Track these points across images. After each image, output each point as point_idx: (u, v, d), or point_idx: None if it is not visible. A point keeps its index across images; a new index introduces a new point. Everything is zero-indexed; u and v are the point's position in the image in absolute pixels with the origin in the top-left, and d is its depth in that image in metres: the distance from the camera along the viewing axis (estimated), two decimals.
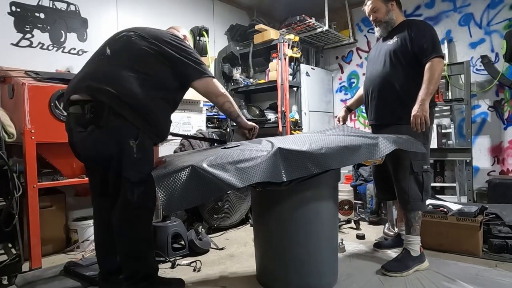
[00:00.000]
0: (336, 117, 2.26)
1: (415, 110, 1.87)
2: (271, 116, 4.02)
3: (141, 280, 1.62)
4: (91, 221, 2.56)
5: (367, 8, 2.15)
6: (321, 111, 4.36)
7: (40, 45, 2.74)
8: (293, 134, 3.63)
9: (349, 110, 2.44)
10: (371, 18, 2.15)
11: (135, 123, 1.54)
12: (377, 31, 2.18)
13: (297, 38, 3.89)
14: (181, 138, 2.90)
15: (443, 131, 3.63)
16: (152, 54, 1.61)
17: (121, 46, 1.64)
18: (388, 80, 2.03)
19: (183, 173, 1.35)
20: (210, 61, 3.23)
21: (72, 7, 2.93)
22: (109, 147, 1.53)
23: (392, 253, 2.24)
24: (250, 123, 1.96)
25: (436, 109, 3.62)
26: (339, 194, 1.97)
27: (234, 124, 4.12)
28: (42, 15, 2.74)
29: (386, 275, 1.90)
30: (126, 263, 1.64)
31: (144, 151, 1.57)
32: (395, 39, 2.05)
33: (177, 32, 1.86)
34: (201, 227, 2.63)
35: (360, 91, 2.39)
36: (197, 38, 3.20)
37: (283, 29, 3.97)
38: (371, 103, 2.16)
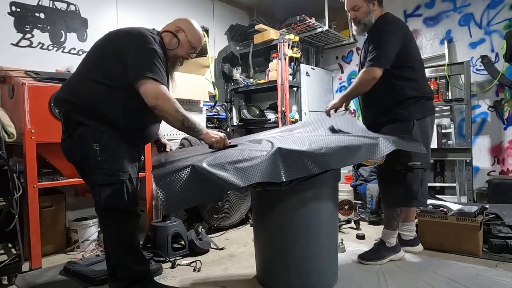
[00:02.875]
0: (327, 108, 2.20)
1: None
2: (271, 116, 4.02)
3: (132, 284, 1.62)
4: (91, 221, 2.57)
5: (347, 4, 2.09)
6: (321, 111, 4.36)
7: (40, 45, 2.74)
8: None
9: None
10: (350, 16, 2.11)
11: (97, 127, 1.52)
12: (354, 29, 2.16)
13: (297, 38, 3.89)
14: (181, 138, 2.90)
15: (443, 131, 3.63)
16: (111, 54, 1.55)
17: (89, 51, 1.64)
18: None
19: (183, 173, 1.35)
20: (210, 61, 3.22)
21: (72, 7, 2.93)
22: (77, 153, 1.57)
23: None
24: (214, 133, 1.64)
25: (436, 109, 3.62)
26: (339, 194, 1.97)
27: (235, 124, 4.16)
28: (42, 15, 2.74)
29: (362, 263, 2.08)
30: (115, 267, 1.66)
31: (110, 152, 1.53)
32: (366, 40, 2.08)
33: (169, 27, 1.73)
34: (201, 227, 2.62)
35: None
36: None
37: (283, 29, 3.97)
38: (361, 105, 2.24)
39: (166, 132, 2.89)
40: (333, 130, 1.98)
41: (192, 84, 3.12)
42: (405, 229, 2.23)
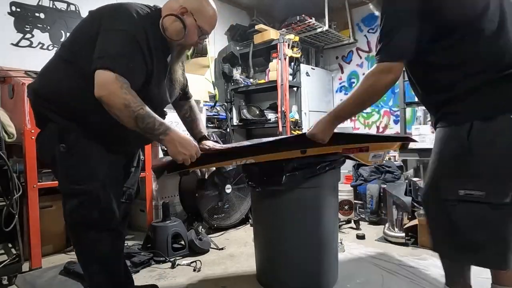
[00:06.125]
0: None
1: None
2: (271, 116, 4.02)
3: None
4: None
5: None
6: (321, 111, 4.36)
7: (40, 45, 2.74)
8: (293, 134, 3.63)
9: None
10: None
11: (64, 123, 1.26)
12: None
13: (297, 38, 3.89)
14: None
15: None
16: (85, 34, 1.26)
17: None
18: None
19: None
20: (210, 61, 3.22)
21: (72, 7, 2.93)
22: (48, 155, 1.33)
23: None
24: (182, 143, 1.29)
25: None
26: (339, 194, 1.96)
27: (235, 124, 4.16)
28: (42, 15, 2.74)
29: None
30: None
31: (78, 155, 1.27)
32: None
33: (172, 6, 1.35)
34: (201, 227, 2.62)
35: None
36: None
37: (283, 29, 3.97)
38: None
39: None
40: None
41: (192, 84, 3.11)
42: None
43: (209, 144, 1.59)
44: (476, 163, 1.09)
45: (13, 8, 2.60)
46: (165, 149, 1.35)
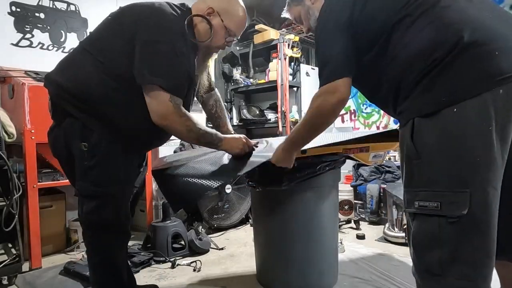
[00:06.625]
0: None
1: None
2: (271, 116, 4.02)
3: None
4: None
5: (290, 17, 1.49)
6: None
7: (40, 45, 2.74)
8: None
9: None
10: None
11: (89, 122, 1.23)
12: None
13: (297, 38, 3.89)
14: None
15: None
16: (117, 34, 1.24)
17: (97, 27, 1.33)
18: None
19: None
20: (210, 61, 3.22)
21: (72, 7, 2.93)
22: (63, 150, 1.30)
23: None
24: (234, 142, 1.41)
25: None
26: (339, 194, 1.96)
27: (235, 124, 4.16)
28: (42, 15, 2.74)
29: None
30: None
31: (100, 157, 1.24)
32: None
33: (199, 6, 1.33)
34: (201, 227, 2.62)
35: None
36: None
37: (283, 29, 3.96)
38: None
39: None
40: None
41: None
42: None
43: None
44: (426, 169, 0.92)
45: (13, 8, 2.59)
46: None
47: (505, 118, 0.85)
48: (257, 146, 1.53)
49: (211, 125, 1.77)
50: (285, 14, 1.45)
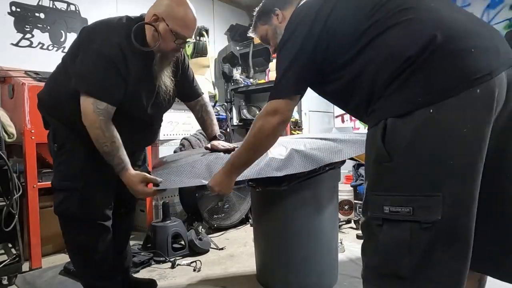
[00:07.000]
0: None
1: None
2: None
3: None
4: None
5: (256, 36, 1.42)
6: (321, 111, 4.36)
7: (40, 45, 2.74)
8: (293, 134, 3.63)
9: None
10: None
11: (58, 125, 1.45)
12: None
13: None
14: (181, 138, 2.90)
15: None
16: (73, 49, 1.41)
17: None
18: None
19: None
20: (210, 61, 3.23)
21: (72, 7, 2.93)
22: (49, 152, 1.52)
23: None
24: (134, 180, 1.36)
25: None
26: (339, 194, 1.96)
27: (235, 124, 4.16)
28: (42, 15, 2.74)
29: None
30: None
31: (66, 155, 1.42)
32: None
33: (147, 15, 1.41)
34: (201, 227, 2.62)
35: None
36: (197, 38, 3.20)
37: None
38: None
39: (167, 132, 2.89)
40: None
41: None
42: None
43: (215, 143, 1.67)
44: (397, 172, 0.86)
45: (13, 8, 2.60)
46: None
47: (482, 119, 0.81)
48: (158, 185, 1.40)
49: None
50: (251, 34, 1.42)
